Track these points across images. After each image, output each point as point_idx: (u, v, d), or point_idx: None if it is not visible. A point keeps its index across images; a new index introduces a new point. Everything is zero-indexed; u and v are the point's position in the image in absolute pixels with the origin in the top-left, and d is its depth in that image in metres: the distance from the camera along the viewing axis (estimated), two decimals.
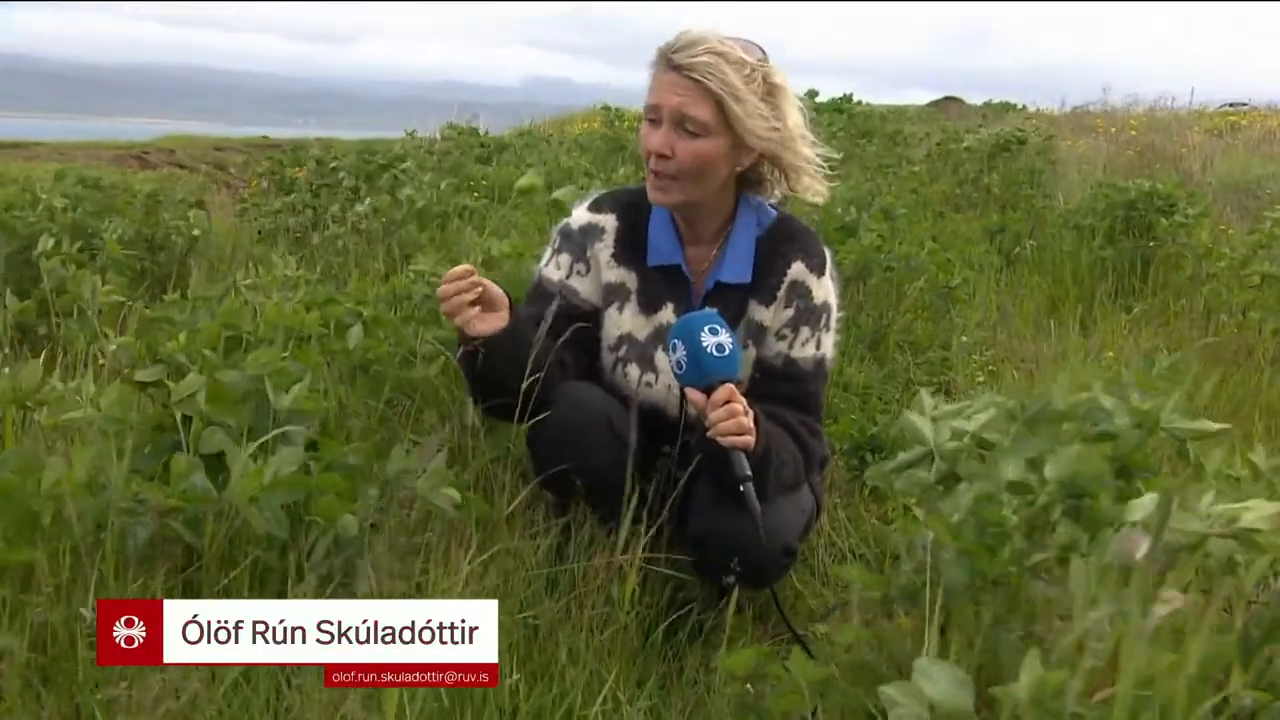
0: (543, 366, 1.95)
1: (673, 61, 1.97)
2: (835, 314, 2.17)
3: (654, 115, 2.00)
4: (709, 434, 1.82)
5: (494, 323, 1.92)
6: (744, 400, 1.83)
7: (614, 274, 2.16)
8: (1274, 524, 1.09)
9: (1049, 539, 1.22)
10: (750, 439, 1.82)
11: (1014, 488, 1.27)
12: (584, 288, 2.16)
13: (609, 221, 2.17)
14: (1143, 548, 1.08)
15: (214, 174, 10.69)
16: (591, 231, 2.17)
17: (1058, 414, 1.35)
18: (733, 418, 1.80)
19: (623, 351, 2.15)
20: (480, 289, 1.91)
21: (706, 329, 1.82)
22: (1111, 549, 1.11)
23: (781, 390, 2.08)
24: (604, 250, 2.16)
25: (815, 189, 2.14)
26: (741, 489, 1.81)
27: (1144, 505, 1.14)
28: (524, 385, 1.94)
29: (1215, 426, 1.35)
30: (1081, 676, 1.01)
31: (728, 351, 1.82)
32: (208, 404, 1.84)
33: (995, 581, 1.26)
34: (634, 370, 2.14)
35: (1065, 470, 1.22)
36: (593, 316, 2.15)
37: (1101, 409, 1.33)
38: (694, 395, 1.83)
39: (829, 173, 2.16)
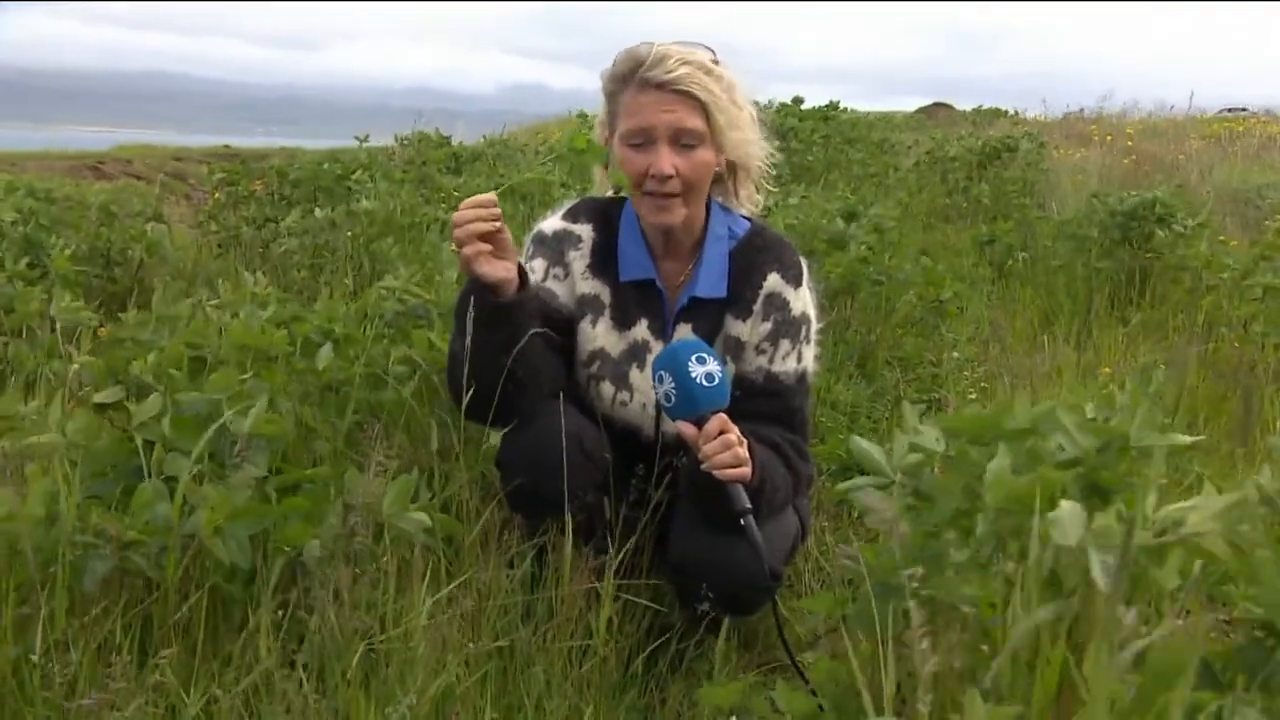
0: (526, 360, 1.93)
1: (652, 80, 1.99)
2: (815, 325, 2.18)
3: (641, 139, 2.01)
4: (703, 466, 1.81)
5: (501, 271, 1.87)
6: (737, 429, 1.83)
7: (588, 285, 2.16)
8: (1223, 523, 1.09)
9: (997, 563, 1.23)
10: (747, 470, 1.82)
11: (955, 516, 1.28)
12: (562, 292, 2.16)
13: (585, 231, 2.18)
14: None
15: (172, 185, 10.64)
16: (567, 239, 2.18)
17: (1012, 432, 1.36)
18: (728, 449, 1.79)
19: (595, 368, 2.16)
20: (499, 224, 1.86)
21: (694, 358, 1.81)
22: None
23: (764, 407, 2.08)
24: (579, 260, 2.17)
25: (754, 198, 2.21)
26: (742, 522, 1.80)
27: (1066, 518, 1.14)
28: (503, 373, 1.91)
29: (1188, 439, 1.36)
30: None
31: (717, 380, 1.81)
32: (172, 429, 1.83)
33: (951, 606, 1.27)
34: (608, 388, 2.15)
35: (1001, 493, 1.23)
36: (570, 325, 2.15)
37: (1062, 428, 1.34)
38: (685, 428, 1.82)
39: (770, 174, 2.21)
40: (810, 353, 2.16)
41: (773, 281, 2.13)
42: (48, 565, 1.63)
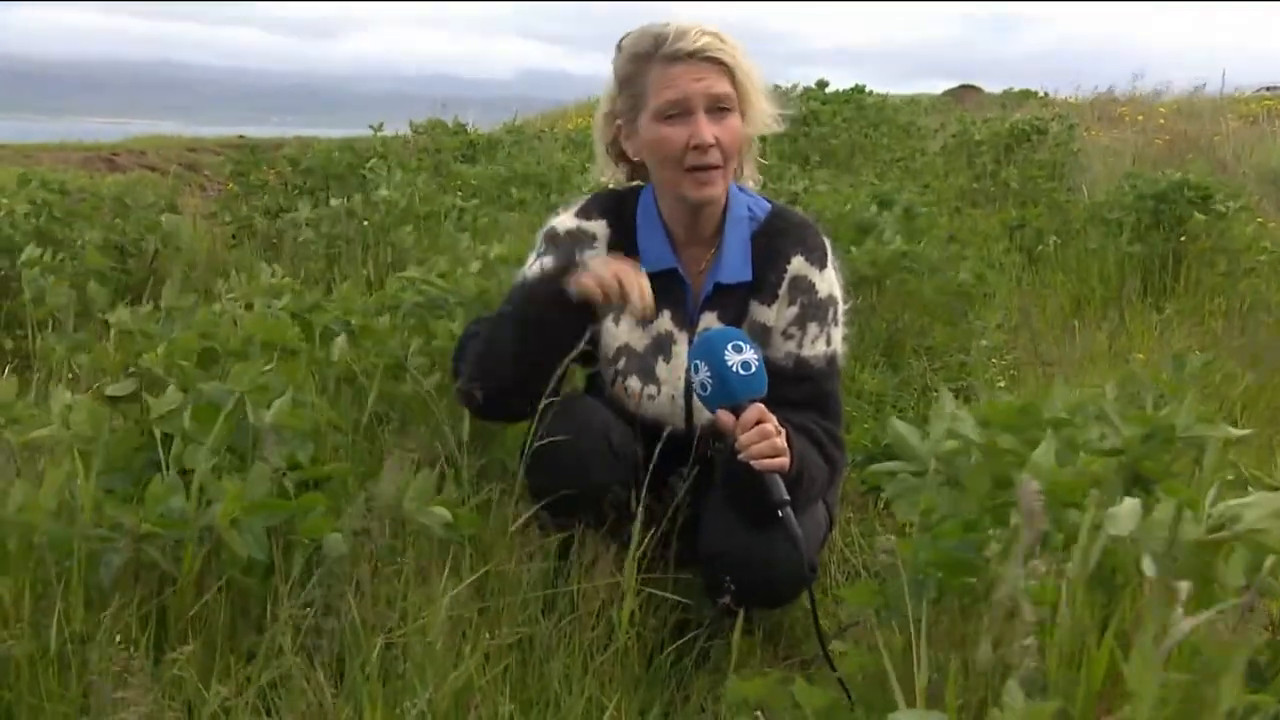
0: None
1: (679, 51, 1.99)
2: (842, 306, 2.18)
3: (676, 110, 2.00)
4: (740, 456, 1.80)
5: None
6: (774, 418, 1.82)
7: None
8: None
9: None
10: (785, 460, 1.81)
11: (993, 507, 1.27)
12: None
13: (599, 228, 2.18)
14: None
15: (186, 176, 10.69)
16: (581, 237, 2.18)
17: (1053, 420, 1.35)
18: (766, 439, 1.79)
19: (622, 364, 2.16)
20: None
21: (730, 347, 1.81)
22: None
23: (795, 393, 2.06)
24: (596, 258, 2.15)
25: (755, 175, 2.24)
26: (780, 514, 1.78)
27: (1124, 513, 1.13)
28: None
29: (1236, 432, 1.34)
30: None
31: (754, 369, 1.81)
32: (191, 421, 1.84)
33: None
34: (634, 383, 2.14)
35: (1044, 482, 1.22)
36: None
37: (1106, 417, 1.33)
38: (724, 416, 1.82)
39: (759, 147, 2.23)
40: (839, 334, 2.15)
41: (797, 264, 2.12)
42: (63, 559, 1.64)
